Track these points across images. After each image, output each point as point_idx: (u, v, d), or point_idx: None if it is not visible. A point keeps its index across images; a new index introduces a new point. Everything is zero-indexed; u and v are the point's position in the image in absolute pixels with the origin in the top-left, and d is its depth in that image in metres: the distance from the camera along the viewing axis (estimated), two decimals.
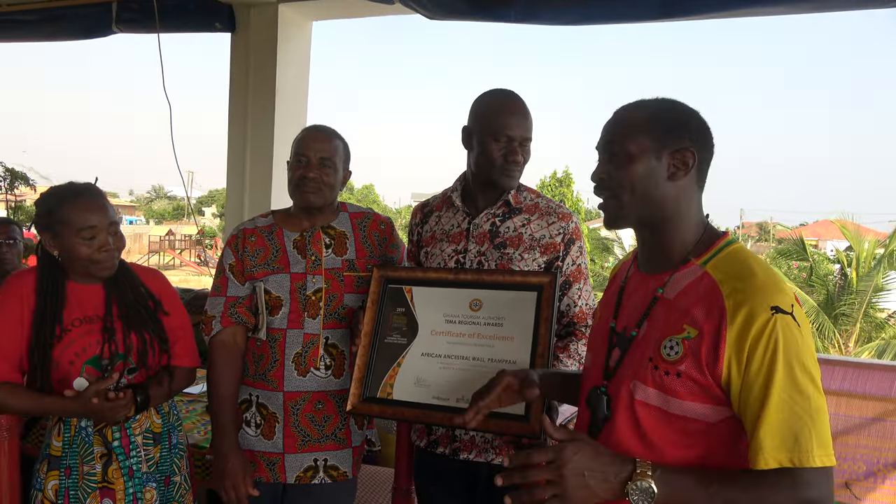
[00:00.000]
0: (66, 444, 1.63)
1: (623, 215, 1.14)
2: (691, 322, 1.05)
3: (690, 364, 1.03)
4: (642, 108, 1.15)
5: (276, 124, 3.49)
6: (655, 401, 1.07)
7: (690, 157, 1.11)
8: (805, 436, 0.96)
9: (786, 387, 0.97)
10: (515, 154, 1.68)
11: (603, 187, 1.15)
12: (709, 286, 1.06)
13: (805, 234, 17.87)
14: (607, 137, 1.16)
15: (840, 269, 13.74)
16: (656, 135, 1.11)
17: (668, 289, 1.12)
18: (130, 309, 1.70)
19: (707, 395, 1.03)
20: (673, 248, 1.14)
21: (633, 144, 1.11)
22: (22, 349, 1.59)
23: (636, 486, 0.96)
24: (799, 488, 0.96)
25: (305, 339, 1.74)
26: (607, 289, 1.34)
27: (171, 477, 1.74)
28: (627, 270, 1.26)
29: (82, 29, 3.75)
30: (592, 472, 0.97)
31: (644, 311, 1.14)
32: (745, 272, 1.05)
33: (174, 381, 1.74)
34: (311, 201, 1.76)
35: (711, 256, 1.10)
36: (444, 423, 1.52)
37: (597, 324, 1.29)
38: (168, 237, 33.83)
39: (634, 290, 1.21)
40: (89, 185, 1.66)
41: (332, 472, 1.76)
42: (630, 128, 1.13)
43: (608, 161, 1.14)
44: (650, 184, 1.11)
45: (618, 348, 1.17)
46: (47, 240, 1.62)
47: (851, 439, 2.73)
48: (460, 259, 1.75)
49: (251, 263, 1.78)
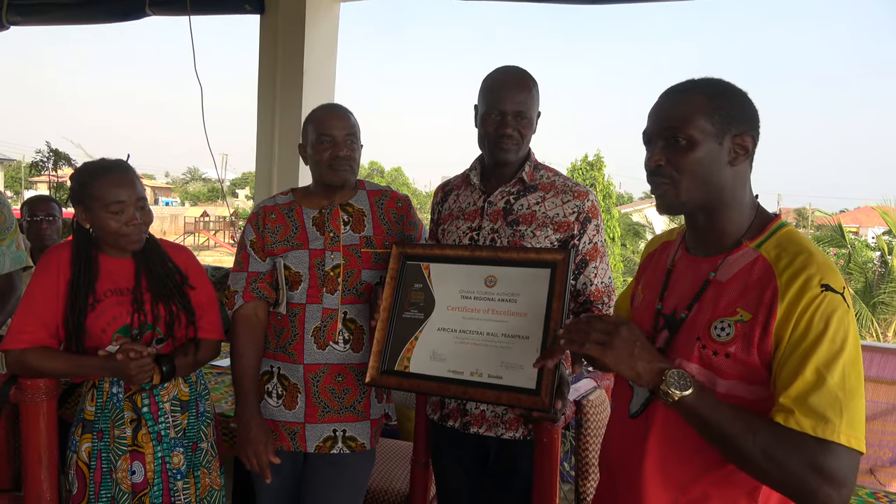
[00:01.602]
0: (98, 409, 1.71)
1: (682, 202, 1.12)
2: (745, 305, 1.06)
3: (740, 346, 1.05)
4: (699, 91, 1.12)
5: (304, 105, 3.54)
6: (699, 377, 1.08)
7: (750, 141, 1.11)
8: (835, 412, 0.95)
9: (826, 362, 0.97)
10: (505, 127, 1.68)
11: (661, 174, 1.12)
12: (763, 268, 1.07)
13: (845, 220, 17.39)
14: (664, 123, 1.12)
15: (880, 256, 13.35)
16: (717, 119, 1.09)
17: (720, 272, 1.12)
18: (159, 282, 1.76)
19: (752, 376, 1.05)
20: (727, 232, 1.14)
21: (694, 129, 1.08)
22: (58, 318, 1.67)
23: (674, 372, 1.03)
24: (818, 457, 0.94)
25: (324, 314, 1.78)
26: (646, 270, 1.34)
27: (198, 443, 1.81)
28: (675, 252, 1.25)
29: (118, 12, 3.85)
30: (642, 347, 1.06)
31: (695, 294, 1.14)
32: (799, 250, 1.05)
33: (200, 353, 1.81)
34: (346, 179, 1.80)
35: (765, 239, 1.11)
36: (458, 396, 1.55)
37: (641, 305, 1.29)
38: (203, 218, 34.40)
39: (683, 273, 1.20)
40: (119, 162, 1.72)
41: (351, 443, 1.81)
42: (690, 111, 1.09)
43: (667, 146, 1.11)
44: (712, 169, 1.09)
45: (666, 330, 1.17)
46: (80, 213, 1.69)
47: (878, 425, 2.70)
48: (474, 236, 1.77)
49: (271, 240, 1.83)
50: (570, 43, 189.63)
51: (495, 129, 1.69)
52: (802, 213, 34.73)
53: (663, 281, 1.23)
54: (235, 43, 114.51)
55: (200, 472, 1.80)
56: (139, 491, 1.70)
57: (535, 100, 1.72)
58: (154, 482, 1.71)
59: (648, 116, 1.17)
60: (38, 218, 3.08)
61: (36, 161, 12.44)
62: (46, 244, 3.06)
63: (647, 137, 1.16)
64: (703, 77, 1.15)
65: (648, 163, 1.15)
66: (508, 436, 1.72)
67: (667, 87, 1.17)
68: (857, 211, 30.68)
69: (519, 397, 1.44)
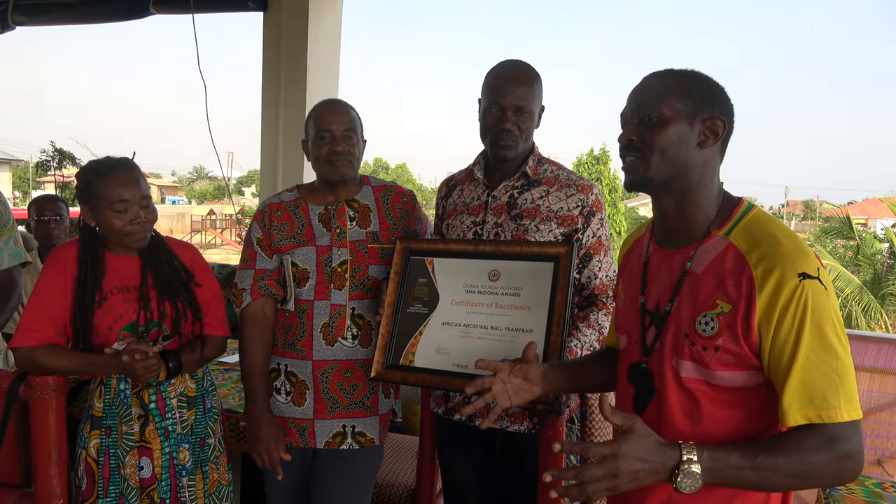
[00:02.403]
0: (106, 406, 1.73)
1: (649, 177, 1.13)
2: (724, 297, 1.07)
3: (727, 337, 1.06)
4: (675, 75, 1.15)
5: (308, 102, 3.53)
6: (696, 374, 1.10)
7: (721, 125, 1.12)
8: (832, 393, 0.99)
9: (814, 348, 1.00)
10: (504, 121, 1.68)
11: (631, 148, 1.14)
12: (735, 258, 1.07)
13: (853, 212, 17.30)
14: (639, 100, 1.15)
15: (889, 247, 13.27)
16: (690, 101, 1.11)
17: (695, 262, 1.13)
18: (165, 280, 1.77)
19: (745, 364, 1.06)
20: (695, 220, 1.14)
21: (667, 108, 1.11)
22: (65, 316, 1.68)
23: (684, 473, 0.98)
24: (836, 444, 0.99)
25: (332, 310, 1.79)
26: (623, 270, 1.35)
27: (205, 439, 1.82)
28: (647, 247, 1.26)
29: (121, 11, 3.86)
30: (644, 466, 1.00)
31: (674, 287, 1.15)
32: (769, 239, 1.06)
33: (206, 349, 1.82)
34: (344, 174, 1.80)
35: (733, 226, 1.11)
36: (462, 390, 1.56)
37: (625, 303, 1.30)
38: (209, 216, 34.52)
39: (658, 267, 1.21)
40: (124, 160, 1.72)
41: (360, 439, 1.82)
42: (664, 92, 1.12)
43: (639, 123, 1.14)
44: (681, 148, 1.11)
45: (653, 326, 1.18)
46: (85, 212, 1.70)
47: (885, 416, 2.69)
48: (478, 231, 1.77)
49: (278, 237, 1.83)
50: (570, 37, 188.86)
51: (495, 123, 1.69)
52: (810, 206, 34.49)
53: (641, 276, 1.24)
54: (241, 41, 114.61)
55: (208, 467, 1.82)
56: (147, 486, 1.72)
57: (536, 94, 1.71)
58: (162, 477, 1.73)
59: (627, 99, 1.19)
60: (45, 218, 3.10)
61: (41, 161, 12.51)
62: (54, 244, 3.08)
63: (624, 118, 1.19)
64: (683, 67, 1.17)
65: (620, 138, 1.17)
66: (513, 429, 1.72)
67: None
68: (866, 202, 30.50)
69: None
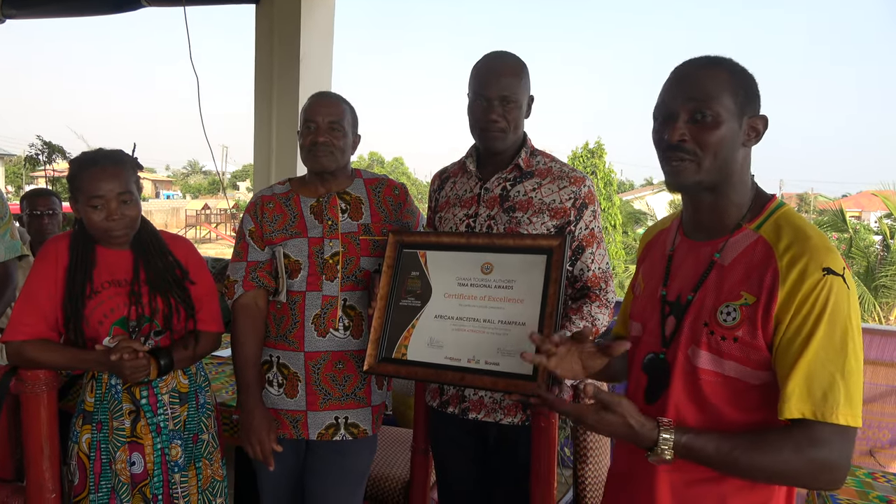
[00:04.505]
0: (97, 401, 1.72)
1: (699, 179, 1.11)
2: (749, 288, 1.07)
3: (747, 329, 1.06)
4: (722, 68, 1.10)
5: (301, 95, 3.52)
6: (711, 365, 1.10)
7: (762, 123, 1.11)
8: (834, 393, 0.98)
9: (825, 345, 0.99)
10: (490, 112, 1.67)
11: (683, 149, 1.09)
12: (764, 251, 1.07)
13: (847, 205, 17.36)
14: (690, 93, 1.09)
15: (882, 240, 13.34)
16: (739, 99, 1.09)
17: (724, 254, 1.12)
18: (157, 275, 1.75)
19: (760, 359, 1.06)
20: (728, 213, 1.14)
21: (721, 107, 1.07)
22: (57, 309, 1.67)
23: (655, 455, 1.05)
24: (818, 450, 0.98)
25: (324, 301, 1.79)
26: (645, 259, 1.34)
27: (199, 435, 1.81)
28: (673, 239, 1.25)
29: (112, 3, 3.83)
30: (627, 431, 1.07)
31: (700, 277, 1.14)
32: (798, 234, 1.06)
33: (199, 345, 1.80)
34: (325, 165, 1.79)
35: (764, 220, 1.11)
36: (455, 383, 1.56)
37: (644, 292, 1.29)
38: (204, 211, 34.39)
39: (684, 258, 1.20)
40: (111, 153, 1.69)
41: (353, 430, 1.82)
42: (717, 88, 1.08)
43: (691, 121, 1.09)
44: (731, 148, 1.09)
45: (673, 316, 1.17)
46: (73, 205, 1.69)
47: (877, 407, 2.71)
48: (471, 223, 1.76)
49: (270, 229, 1.83)
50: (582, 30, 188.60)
51: (482, 114, 1.69)
52: (805, 199, 34.62)
53: (665, 267, 1.23)
54: (234, 33, 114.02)
55: (202, 463, 1.81)
56: (139, 482, 1.71)
57: (523, 84, 1.70)
58: (154, 473, 1.72)
59: (667, 89, 1.13)
60: (38, 212, 3.08)
61: (30, 156, 12.37)
62: (47, 238, 3.06)
63: (668, 111, 1.11)
64: (717, 55, 1.13)
65: (669, 137, 1.10)
66: (507, 421, 1.72)
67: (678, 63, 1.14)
68: (859, 195, 30.60)
69: (516, 383, 1.44)
